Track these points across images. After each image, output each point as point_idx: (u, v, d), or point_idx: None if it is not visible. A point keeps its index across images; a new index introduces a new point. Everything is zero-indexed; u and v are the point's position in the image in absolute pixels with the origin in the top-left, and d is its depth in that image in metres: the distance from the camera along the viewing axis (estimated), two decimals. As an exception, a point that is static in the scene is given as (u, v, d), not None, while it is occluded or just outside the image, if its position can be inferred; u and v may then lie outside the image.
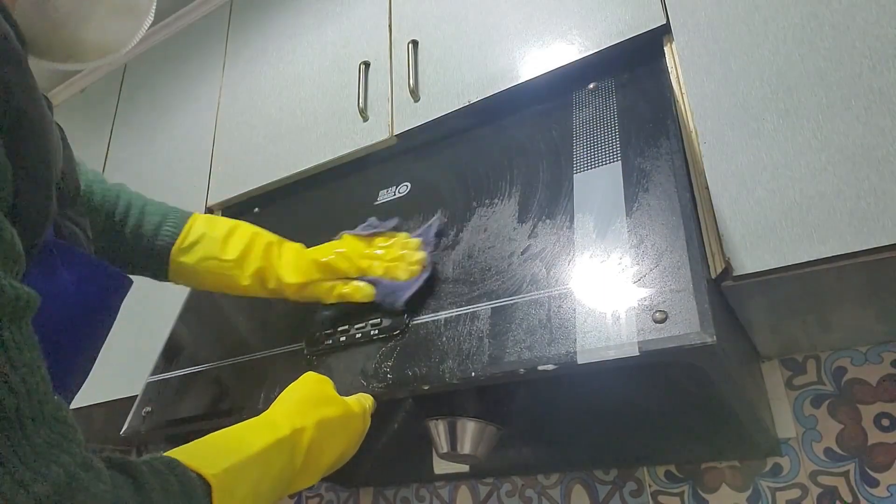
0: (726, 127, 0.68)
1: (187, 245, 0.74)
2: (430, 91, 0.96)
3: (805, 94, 0.65)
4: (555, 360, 0.57)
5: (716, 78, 0.71)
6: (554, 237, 0.69)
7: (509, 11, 0.93)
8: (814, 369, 0.92)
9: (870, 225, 0.58)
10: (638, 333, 0.55)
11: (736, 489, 0.92)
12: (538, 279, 0.66)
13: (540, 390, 0.78)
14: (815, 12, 0.67)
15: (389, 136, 0.98)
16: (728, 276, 0.63)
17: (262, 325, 0.87)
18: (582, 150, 0.75)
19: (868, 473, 0.85)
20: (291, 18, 1.24)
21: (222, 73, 1.33)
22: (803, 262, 0.60)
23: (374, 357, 0.70)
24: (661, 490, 0.97)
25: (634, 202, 0.65)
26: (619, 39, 0.81)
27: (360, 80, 1.03)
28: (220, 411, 0.79)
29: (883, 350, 0.89)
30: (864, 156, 0.60)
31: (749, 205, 0.64)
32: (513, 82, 0.88)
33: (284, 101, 1.16)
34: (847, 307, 0.75)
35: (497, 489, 1.11)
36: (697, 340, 0.51)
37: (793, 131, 0.65)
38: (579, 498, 1.04)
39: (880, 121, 0.61)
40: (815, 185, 0.62)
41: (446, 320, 0.68)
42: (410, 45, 0.99)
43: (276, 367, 0.79)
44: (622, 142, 0.72)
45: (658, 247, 0.60)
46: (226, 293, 0.77)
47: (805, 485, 0.88)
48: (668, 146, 0.68)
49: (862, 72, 0.63)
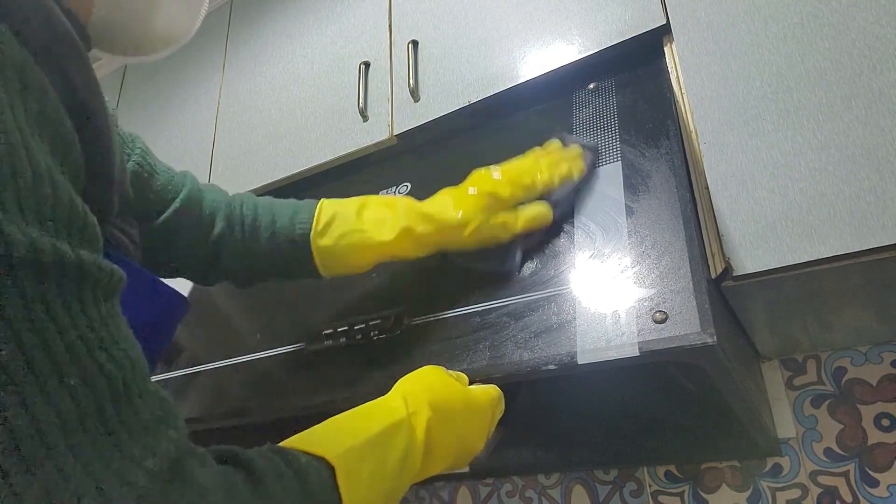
0: (726, 127, 0.68)
1: (322, 227, 0.67)
2: (430, 91, 0.96)
3: (805, 94, 0.65)
4: (555, 361, 0.57)
5: (716, 78, 0.71)
6: (554, 237, 0.69)
7: (509, 11, 0.93)
8: (814, 369, 0.92)
9: (870, 225, 0.58)
10: (638, 333, 0.55)
11: (736, 489, 0.92)
12: (538, 279, 0.66)
13: (540, 390, 0.78)
14: (815, 12, 0.67)
15: (389, 137, 0.98)
16: (728, 276, 0.63)
17: (262, 325, 0.87)
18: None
19: (868, 473, 0.85)
20: (291, 18, 1.24)
21: (222, 73, 1.33)
22: (803, 262, 0.60)
23: (374, 357, 0.70)
24: (661, 490, 0.97)
25: (634, 202, 0.65)
26: (620, 39, 0.81)
27: (360, 80, 1.03)
28: (219, 412, 0.79)
29: (883, 350, 0.89)
30: (864, 156, 0.60)
31: (749, 205, 0.64)
32: (513, 82, 0.88)
33: (284, 101, 1.16)
34: (847, 307, 0.75)
35: (497, 489, 1.11)
36: (697, 340, 0.51)
37: (793, 131, 0.65)
38: (579, 498, 1.04)
39: (880, 121, 0.61)
40: (815, 185, 0.62)
41: (446, 321, 0.68)
42: (410, 45, 0.99)
43: (276, 367, 0.79)
44: (622, 142, 0.72)
45: (658, 247, 0.60)
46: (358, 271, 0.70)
47: (805, 485, 0.88)
48: (668, 146, 0.68)
49: (862, 72, 0.63)
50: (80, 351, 0.27)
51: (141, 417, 0.28)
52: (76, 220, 0.29)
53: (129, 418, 0.28)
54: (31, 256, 0.25)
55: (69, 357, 0.26)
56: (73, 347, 0.27)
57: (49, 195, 0.27)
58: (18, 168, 0.26)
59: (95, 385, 0.27)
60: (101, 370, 0.27)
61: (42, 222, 0.27)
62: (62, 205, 0.28)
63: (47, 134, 0.29)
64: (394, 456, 0.45)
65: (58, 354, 0.26)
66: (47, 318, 0.26)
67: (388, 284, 0.78)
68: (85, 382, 0.27)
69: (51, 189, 0.28)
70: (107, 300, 0.30)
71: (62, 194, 0.28)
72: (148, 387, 0.30)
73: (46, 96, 0.30)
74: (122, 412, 0.28)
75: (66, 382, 0.26)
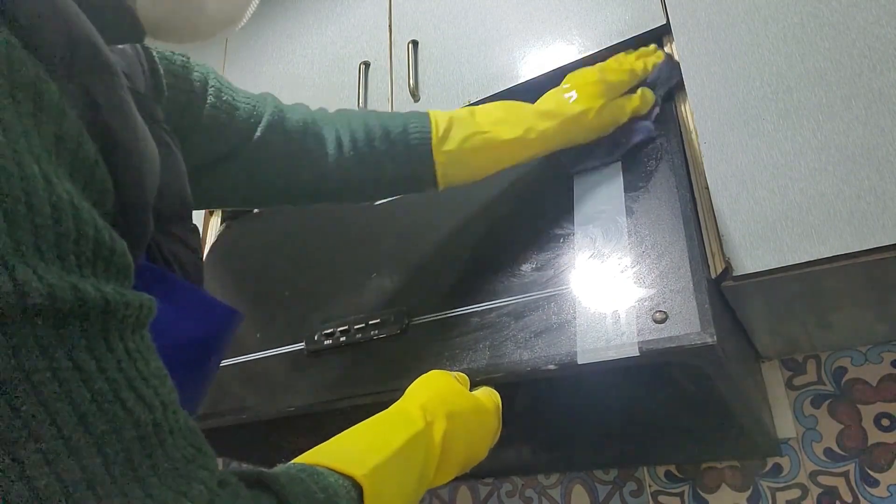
0: (726, 127, 0.68)
1: (443, 133, 0.65)
2: (430, 91, 0.96)
3: (805, 94, 0.65)
4: (555, 361, 0.57)
5: (716, 78, 0.71)
6: (554, 237, 0.69)
7: (509, 11, 0.93)
8: (814, 369, 0.92)
9: (870, 225, 0.58)
10: (638, 333, 0.55)
11: (736, 489, 0.92)
12: (538, 279, 0.66)
13: (540, 390, 0.78)
14: (815, 12, 0.67)
15: (389, 136, 0.98)
16: (728, 276, 0.63)
17: (262, 325, 0.87)
18: (582, 149, 0.75)
19: (868, 473, 0.85)
20: (291, 18, 1.24)
21: (222, 73, 1.32)
22: (803, 262, 0.60)
23: (375, 357, 0.70)
24: (661, 490, 0.97)
25: (634, 202, 0.65)
26: (619, 39, 0.81)
27: (360, 80, 1.03)
28: (219, 411, 0.79)
29: (883, 350, 0.89)
30: (864, 156, 0.60)
31: (749, 205, 0.64)
32: (513, 82, 0.88)
33: (284, 101, 1.16)
34: (847, 307, 0.75)
35: (497, 489, 1.11)
36: (697, 340, 0.51)
37: (793, 131, 0.65)
38: (579, 498, 1.04)
39: (880, 121, 0.61)
40: (815, 185, 0.62)
41: (446, 321, 0.68)
42: (410, 45, 0.99)
43: (276, 367, 0.79)
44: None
45: (658, 247, 0.60)
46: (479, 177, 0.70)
47: (805, 485, 0.88)
48: (668, 146, 0.68)
49: (862, 72, 0.63)
50: (107, 396, 0.25)
51: (172, 458, 0.27)
52: (102, 251, 0.27)
53: (160, 462, 0.26)
54: (47, 304, 0.23)
55: (95, 406, 0.25)
56: (99, 394, 0.25)
57: (71, 229, 0.25)
58: (35, 203, 0.24)
59: (123, 432, 0.25)
60: (130, 414, 0.26)
61: (63, 258, 0.25)
62: (86, 237, 0.26)
63: (65, 158, 0.27)
64: (415, 469, 0.44)
65: (83, 404, 0.24)
66: (71, 367, 0.24)
67: (389, 284, 0.78)
68: (113, 429, 0.25)
69: (73, 221, 0.25)
70: (135, 332, 0.28)
71: (86, 225, 0.26)
72: (178, 422, 0.28)
73: (64, 116, 0.27)
74: (153, 456, 0.26)
75: (93, 433, 0.24)
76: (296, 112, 0.66)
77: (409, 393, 0.54)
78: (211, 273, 1.04)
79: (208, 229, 1.19)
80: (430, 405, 0.50)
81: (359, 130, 0.65)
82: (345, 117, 0.67)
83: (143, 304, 0.28)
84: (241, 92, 0.63)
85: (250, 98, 0.63)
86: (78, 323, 0.25)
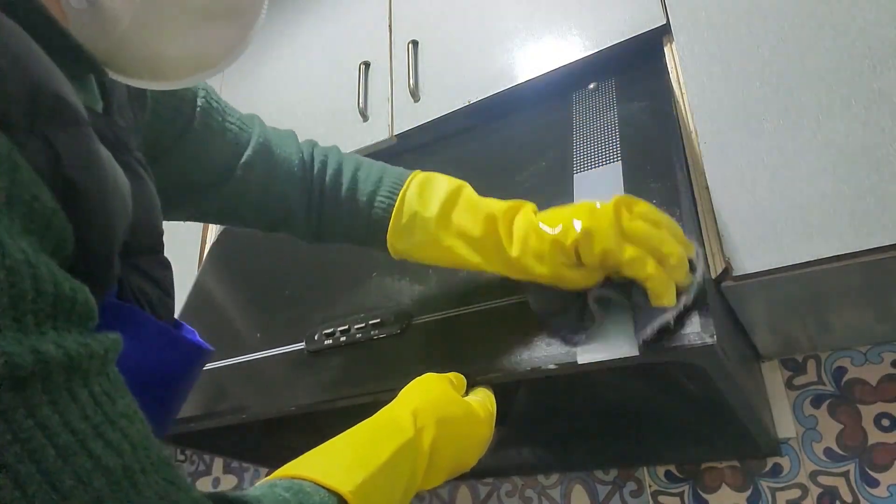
0: (726, 127, 0.68)
1: (403, 226, 0.62)
2: (430, 91, 0.96)
3: (805, 94, 0.65)
4: (555, 360, 0.57)
5: (716, 78, 0.71)
6: (554, 237, 0.68)
7: (509, 11, 0.93)
8: (814, 369, 0.92)
9: (870, 225, 0.58)
10: (638, 333, 0.55)
11: (736, 489, 0.92)
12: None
13: (540, 390, 0.78)
14: (815, 12, 0.67)
15: (389, 137, 0.98)
16: (728, 276, 0.63)
17: (263, 325, 0.87)
18: (582, 150, 0.75)
19: (868, 473, 0.85)
20: (291, 19, 1.24)
21: (222, 73, 1.32)
22: (803, 262, 0.60)
23: (375, 357, 0.70)
24: (661, 490, 0.97)
25: (634, 202, 0.65)
26: (620, 39, 0.81)
27: (360, 80, 1.03)
28: (219, 411, 0.79)
29: (883, 350, 0.89)
30: (864, 156, 0.60)
31: (749, 205, 0.64)
32: (513, 82, 0.88)
33: (284, 101, 1.16)
34: (847, 307, 0.75)
35: (497, 489, 1.11)
36: (697, 340, 0.51)
37: (793, 131, 0.65)
38: (579, 498, 1.04)
39: (880, 121, 0.61)
40: (815, 185, 0.62)
41: (446, 320, 0.68)
42: (410, 45, 0.99)
43: (276, 367, 0.79)
44: (622, 141, 0.72)
45: (658, 247, 0.60)
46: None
47: (805, 485, 0.88)
48: (669, 146, 0.68)
49: (862, 72, 0.63)
50: (73, 448, 0.25)
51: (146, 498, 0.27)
52: (62, 303, 0.27)
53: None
54: (5, 372, 0.23)
55: (62, 462, 0.24)
56: (64, 448, 0.25)
57: (28, 289, 0.25)
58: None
59: (92, 482, 0.25)
60: (98, 462, 0.25)
61: (20, 320, 0.24)
62: (44, 294, 0.26)
63: (19, 210, 0.26)
64: (402, 479, 0.44)
65: (48, 462, 0.24)
66: (33, 425, 0.24)
67: (389, 284, 0.78)
68: (80, 482, 0.25)
69: (30, 280, 0.25)
70: (100, 374, 0.28)
71: (43, 282, 0.26)
72: (150, 459, 0.28)
73: (16, 169, 0.26)
74: (125, 500, 0.26)
75: (61, 489, 0.24)
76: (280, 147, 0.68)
77: (402, 397, 0.53)
78: (211, 273, 1.04)
79: (208, 229, 1.19)
80: (421, 411, 0.50)
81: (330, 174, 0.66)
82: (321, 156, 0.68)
83: (108, 347, 0.28)
84: (229, 112, 0.65)
85: (236, 123, 0.65)
86: (39, 383, 0.24)
